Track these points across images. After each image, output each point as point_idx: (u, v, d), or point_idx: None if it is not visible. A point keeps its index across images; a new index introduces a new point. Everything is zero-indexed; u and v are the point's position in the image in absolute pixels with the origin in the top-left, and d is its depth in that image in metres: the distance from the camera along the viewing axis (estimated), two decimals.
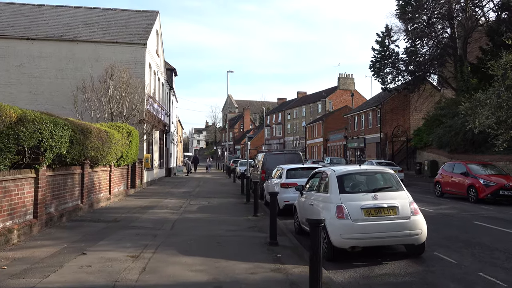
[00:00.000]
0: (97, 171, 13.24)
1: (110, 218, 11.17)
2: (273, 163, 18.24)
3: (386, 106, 40.13)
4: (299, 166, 13.86)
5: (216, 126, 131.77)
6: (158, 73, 26.24)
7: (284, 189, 12.89)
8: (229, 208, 14.22)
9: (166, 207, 14.02)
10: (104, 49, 21.11)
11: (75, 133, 10.11)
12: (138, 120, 19.96)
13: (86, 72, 20.34)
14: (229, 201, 16.42)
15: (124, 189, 17.12)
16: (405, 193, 7.68)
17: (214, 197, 17.66)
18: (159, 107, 25.99)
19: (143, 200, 15.90)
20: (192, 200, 16.31)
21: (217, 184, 26.18)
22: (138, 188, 19.80)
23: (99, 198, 13.48)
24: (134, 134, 16.69)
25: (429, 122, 35.04)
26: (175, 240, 8.47)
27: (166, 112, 30.89)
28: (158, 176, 26.85)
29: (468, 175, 16.54)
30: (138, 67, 21.35)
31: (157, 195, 18.18)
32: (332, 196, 7.61)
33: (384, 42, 37.27)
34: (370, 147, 42.49)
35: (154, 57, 24.43)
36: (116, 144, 14.28)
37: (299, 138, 76.99)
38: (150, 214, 12.25)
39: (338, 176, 7.82)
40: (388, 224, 7.17)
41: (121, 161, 15.71)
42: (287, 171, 13.36)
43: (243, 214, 12.71)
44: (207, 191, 20.69)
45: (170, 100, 34.53)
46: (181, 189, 21.82)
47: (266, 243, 8.30)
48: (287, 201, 12.68)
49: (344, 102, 68.75)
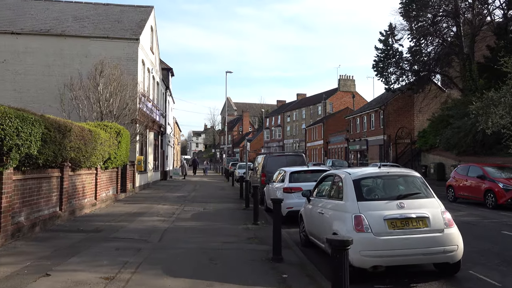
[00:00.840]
0: (80, 174, 11.96)
1: (92, 227, 9.89)
2: (274, 165, 16.99)
3: (390, 107, 38.91)
4: (303, 168, 12.61)
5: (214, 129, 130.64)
6: (153, 71, 25.01)
7: (287, 194, 11.63)
8: (226, 215, 12.94)
9: (157, 214, 12.74)
10: (94, 45, 19.87)
11: (49, 130, 8.84)
12: (130, 119, 18.70)
13: (74, 69, 19.13)
14: (227, 206, 15.15)
15: (113, 194, 15.83)
16: (435, 200, 6.44)
17: (210, 202, 16.39)
18: (153, 106, 24.74)
19: (133, 205, 14.62)
20: (186, 206, 15.04)
21: (215, 188, 24.90)
22: (130, 193, 18.51)
23: (83, 204, 12.20)
24: (123, 134, 15.43)
25: (434, 124, 33.84)
26: (162, 256, 7.20)
27: (161, 112, 29.63)
28: (152, 179, 25.58)
29: (485, 178, 15.28)
30: (130, 63, 20.11)
31: (149, 200, 16.89)
32: (348, 204, 6.36)
33: (388, 41, 36.10)
34: (373, 149, 41.26)
35: (148, 54, 23.20)
36: (102, 144, 13.02)
37: (298, 140, 75.77)
38: (138, 222, 10.97)
39: (354, 180, 6.57)
40: (417, 238, 5.90)
41: (109, 164, 14.43)
42: (290, 174, 12.09)
43: (241, 221, 11.44)
44: (203, 196, 19.42)
45: (166, 100, 33.29)
46: (176, 193, 20.54)
47: (269, 259, 7.04)
48: (290, 207, 11.42)
49: (344, 104, 67.60)
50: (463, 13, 32.44)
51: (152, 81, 25.39)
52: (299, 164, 17.12)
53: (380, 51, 36.58)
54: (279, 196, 11.99)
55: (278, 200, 7.38)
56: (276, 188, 12.69)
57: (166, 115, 32.92)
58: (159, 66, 28.62)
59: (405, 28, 35.59)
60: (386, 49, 35.97)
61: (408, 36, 35.77)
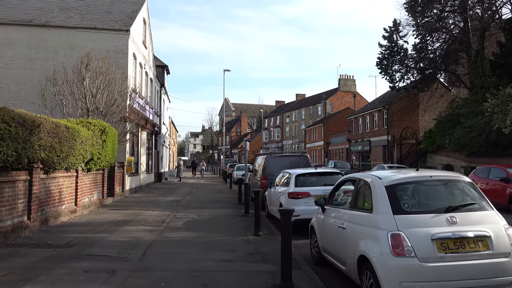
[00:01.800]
0: (56, 178, 10.45)
1: (64, 240, 8.38)
2: (276, 167, 15.49)
3: (394, 107, 37.44)
4: (311, 170, 11.10)
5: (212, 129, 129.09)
6: (146, 66, 23.51)
7: (293, 200, 10.14)
8: (224, 223, 11.44)
9: (145, 222, 11.23)
10: (81, 36, 18.35)
11: (8, 125, 7.34)
12: (120, 117, 17.18)
13: (59, 62, 17.60)
14: (224, 212, 13.65)
15: (99, 199, 14.31)
16: (494, 213, 4.98)
17: (206, 208, 14.88)
18: (146, 104, 23.22)
19: (119, 212, 13.09)
20: (179, 212, 13.53)
21: (212, 191, 23.39)
22: (118, 197, 16.99)
23: (59, 211, 10.68)
24: (109, 133, 13.92)
25: (442, 124, 32.40)
26: (141, 282, 5.70)
27: (155, 111, 28.11)
28: (145, 181, 24.05)
29: (510, 181, 13.83)
30: (120, 57, 18.60)
31: (139, 205, 15.37)
32: (381, 218, 4.87)
33: (392, 37, 34.65)
34: (376, 150, 39.79)
35: (140, 48, 21.70)
36: (83, 143, 11.51)
37: (298, 141, 74.28)
38: (120, 233, 9.46)
39: (388, 186, 5.08)
40: (476, 265, 4.42)
41: (92, 165, 12.92)
42: (296, 177, 10.59)
43: (241, 231, 9.95)
44: (199, 200, 17.91)
45: (161, 98, 31.77)
46: (169, 197, 19.02)
47: (276, 286, 5.55)
48: (297, 215, 9.87)
49: (345, 104, 66.17)
50: (472, 7, 31.07)
51: (145, 77, 23.87)
52: (303, 165, 15.64)
53: (384, 48, 35.14)
54: (283, 202, 10.52)
55: (288, 211, 5.87)
56: (280, 192, 11.20)
57: (161, 114, 31.40)
58: (153, 62, 27.12)
59: (410, 24, 34.22)
60: (391, 45, 34.53)
61: (413, 32, 34.40)
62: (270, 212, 12.64)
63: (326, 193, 10.37)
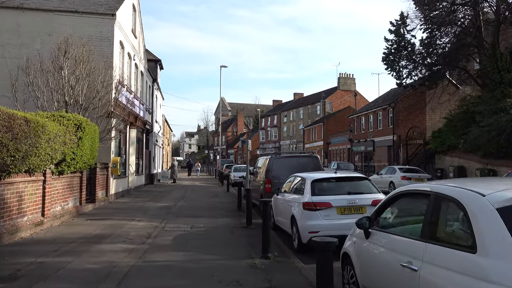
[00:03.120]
0: (14, 183, 8.36)
1: (11, 268, 6.29)
2: (282, 169, 13.49)
3: (400, 105, 35.47)
4: (330, 175, 9.02)
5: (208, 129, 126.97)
6: (135, 58, 21.40)
7: (309, 213, 8.12)
8: (222, 238, 9.39)
9: (126, 237, 9.16)
10: (60, 20, 16.24)
11: None
12: (103, 112, 15.10)
13: (34, 49, 15.54)
14: (222, 223, 11.60)
15: (75, 206, 12.21)
16: None
17: (201, 216, 12.83)
18: (135, 99, 21.12)
19: (98, 223, 11.00)
20: (169, 222, 11.47)
21: (207, 195, 21.32)
22: (101, 203, 14.89)
23: (18, 225, 8.59)
24: (87, 129, 11.82)
25: (452, 123, 30.49)
26: None
27: (147, 107, 26.01)
28: (135, 184, 21.94)
29: None
30: (105, 44, 16.50)
31: (124, 213, 13.29)
32: (496, 266, 2.85)
33: (399, 31, 32.69)
34: (380, 151, 37.84)
35: (128, 37, 19.59)
36: (52, 141, 9.43)
37: (296, 141, 72.36)
38: (91, 255, 7.39)
39: (503, 209, 3.06)
40: None
41: (65, 167, 10.82)
42: (313, 184, 8.53)
43: (244, 252, 7.92)
44: (193, 206, 15.85)
45: (153, 95, 29.65)
46: (160, 202, 16.93)
47: None
48: (314, 231, 7.91)
49: (344, 104, 64.39)
50: None
51: (134, 69, 21.77)
52: (312, 168, 13.64)
53: (390, 42, 33.14)
54: (297, 214, 8.49)
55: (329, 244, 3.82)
56: (291, 201, 9.16)
57: (153, 111, 29.29)
58: (144, 55, 25.01)
59: (418, 17, 32.27)
60: (398, 40, 32.54)
61: (421, 26, 32.46)
62: (276, 223, 10.62)
63: (352, 204, 8.39)
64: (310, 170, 13.34)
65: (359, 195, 8.27)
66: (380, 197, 8.29)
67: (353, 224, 7.97)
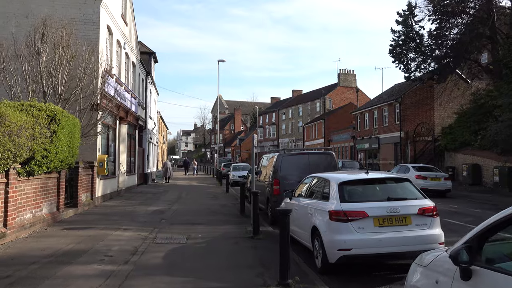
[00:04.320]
0: None
1: None
2: (292, 168, 11.74)
3: (407, 100, 33.69)
4: (361, 176, 7.20)
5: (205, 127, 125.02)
6: (126, 46, 19.54)
7: (338, 224, 6.35)
8: (225, 254, 7.60)
9: (106, 253, 7.36)
10: (38, 1, 14.39)
11: None
12: (88, 104, 13.26)
13: (9, 33, 13.63)
14: (224, 232, 9.81)
15: (50, 213, 10.38)
16: None
17: (198, 224, 11.04)
18: (126, 92, 19.27)
19: (75, 234, 9.19)
20: (161, 231, 9.68)
21: (205, 196, 19.52)
22: (85, 207, 13.06)
23: None
24: (63, 122, 9.97)
25: (464, 118, 28.84)
26: None
27: (140, 102, 24.15)
28: (126, 185, 20.10)
29: None
30: (89, 28, 14.66)
31: (109, 219, 11.48)
32: None
33: (407, 22, 30.98)
34: (386, 148, 36.11)
35: (117, 22, 17.73)
36: (14, 135, 7.61)
37: (295, 139, 70.55)
38: (51, 284, 5.58)
39: None
40: None
41: (35, 166, 8.98)
42: (341, 187, 6.74)
43: (255, 275, 6.16)
44: (189, 210, 14.06)
45: (147, 89, 27.77)
46: (153, 205, 15.11)
47: None
48: (346, 249, 6.17)
49: (345, 100, 62.63)
50: None
51: (125, 59, 19.91)
52: (326, 166, 11.90)
53: (397, 34, 31.45)
54: (321, 226, 6.72)
55: None
56: (311, 208, 7.39)
57: (146, 106, 27.43)
58: (136, 45, 23.14)
59: (427, 7, 30.57)
60: (406, 31, 30.83)
61: (430, 17, 30.76)
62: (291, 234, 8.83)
63: (393, 213, 6.57)
64: (323, 169, 11.59)
65: (401, 202, 6.50)
66: (428, 204, 6.54)
67: (397, 239, 6.29)
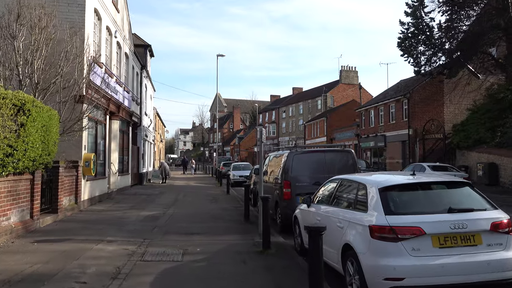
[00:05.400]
0: None
1: None
2: (306, 169, 10.14)
3: (416, 96, 32.08)
4: (409, 179, 5.55)
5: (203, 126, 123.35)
6: (118, 35, 17.88)
7: (383, 244, 4.73)
8: (232, 277, 5.97)
9: (78, 278, 5.73)
10: None
11: None
12: (71, 95, 11.63)
13: None
14: (228, 243, 8.20)
15: (22, 221, 8.74)
16: None
17: (197, 232, 9.43)
18: (118, 84, 17.62)
19: (48, 248, 7.56)
20: (152, 244, 8.06)
21: (204, 198, 17.91)
22: (67, 212, 11.43)
23: None
24: (34, 113, 8.31)
25: (477, 114, 27.30)
26: None
27: (133, 97, 22.51)
28: (118, 186, 18.47)
29: None
30: (74, 10, 13.01)
31: (92, 228, 9.84)
32: None
33: (416, 13, 29.40)
34: (393, 146, 34.51)
35: (107, 7, 16.07)
36: None
37: (295, 138, 68.91)
38: None
39: None
40: None
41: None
42: (384, 193, 5.12)
43: None
44: (186, 215, 12.44)
45: (142, 83, 26.11)
46: (145, 209, 13.48)
47: None
48: (395, 278, 4.56)
49: (347, 98, 61.11)
50: None
51: (116, 49, 18.25)
52: (343, 167, 10.28)
53: (406, 26, 29.88)
54: (358, 245, 5.08)
55: None
56: (340, 220, 5.77)
57: (141, 102, 25.78)
58: (129, 34, 21.47)
59: None
60: (416, 22, 29.25)
61: (440, 8, 29.16)
62: (305, 245, 7.23)
63: (459, 229, 4.69)
64: (341, 169, 10.00)
65: (468, 214, 4.87)
66: (501, 217, 4.91)
67: (464, 265, 4.64)
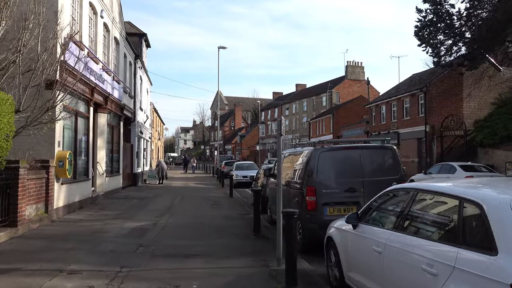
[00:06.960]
0: None
1: None
2: (336, 171, 7.85)
3: (433, 90, 29.70)
4: None
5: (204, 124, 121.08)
6: (105, 15, 15.53)
7: None
8: None
9: None
10: None
11: None
12: (39, 79, 9.29)
13: None
14: (236, 277, 5.87)
15: None
16: None
17: (194, 254, 7.10)
18: (104, 72, 15.28)
19: None
20: (128, 279, 5.73)
21: (204, 203, 15.59)
22: (33, 225, 9.09)
23: None
24: None
25: (504, 109, 24.96)
26: None
27: (125, 88, 20.16)
28: (106, 188, 16.15)
29: None
30: None
31: (55, 249, 7.50)
32: None
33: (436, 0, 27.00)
34: (407, 144, 32.14)
35: None
36: None
37: (299, 135, 66.58)
38: None
39: None
40: None
41: None
42: None
43: None
44: (182, 226, 10.11)
45: (136, 75, 23.74)
46: (132, 219, 11.13)
47: None
48: None
49: (353, 94, 58.75)
50: None
51: (104, 32, 15.91)
52: (383, 168, 8.00)
53: (424, 13, 27.45)
54: None
55: None
56: (429, 260, 3.44)
57: (135, 95, 23.45)
58: (120, 18, 19.12)
59: None
60: (434, 9, 26.84)
61: None
62: (349, 274, 4.93)
63: None
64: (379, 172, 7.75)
65: None
66: None
67: None
